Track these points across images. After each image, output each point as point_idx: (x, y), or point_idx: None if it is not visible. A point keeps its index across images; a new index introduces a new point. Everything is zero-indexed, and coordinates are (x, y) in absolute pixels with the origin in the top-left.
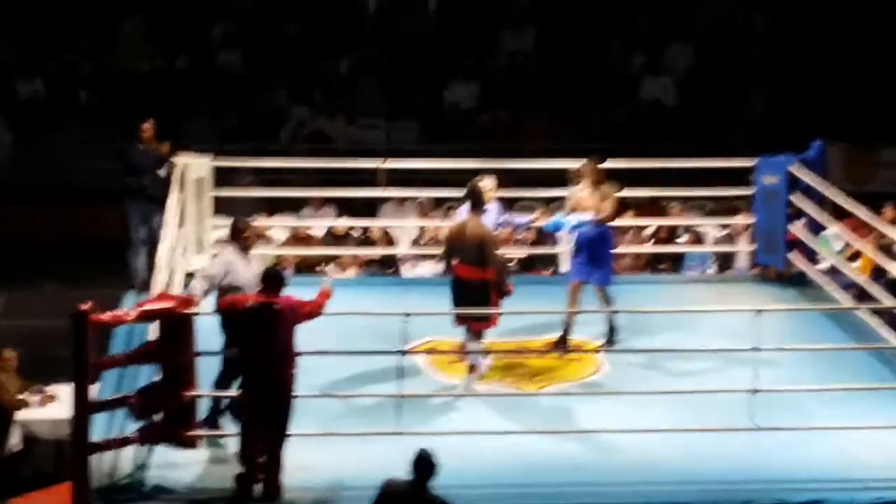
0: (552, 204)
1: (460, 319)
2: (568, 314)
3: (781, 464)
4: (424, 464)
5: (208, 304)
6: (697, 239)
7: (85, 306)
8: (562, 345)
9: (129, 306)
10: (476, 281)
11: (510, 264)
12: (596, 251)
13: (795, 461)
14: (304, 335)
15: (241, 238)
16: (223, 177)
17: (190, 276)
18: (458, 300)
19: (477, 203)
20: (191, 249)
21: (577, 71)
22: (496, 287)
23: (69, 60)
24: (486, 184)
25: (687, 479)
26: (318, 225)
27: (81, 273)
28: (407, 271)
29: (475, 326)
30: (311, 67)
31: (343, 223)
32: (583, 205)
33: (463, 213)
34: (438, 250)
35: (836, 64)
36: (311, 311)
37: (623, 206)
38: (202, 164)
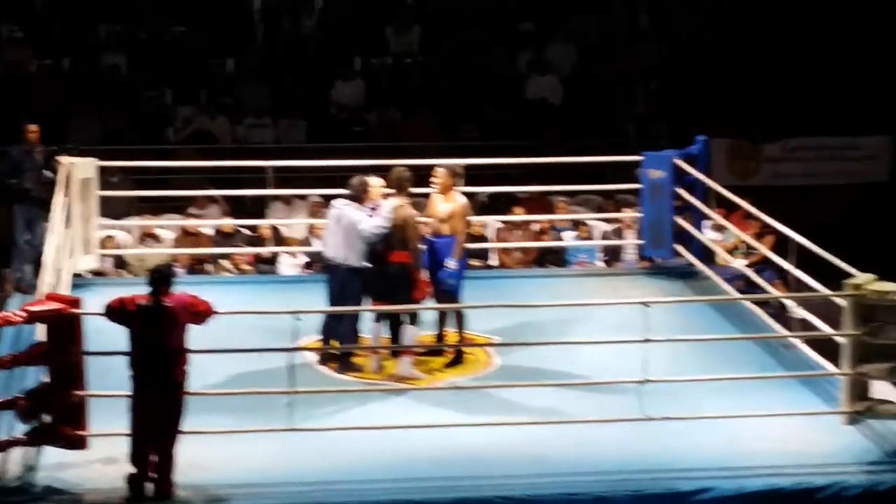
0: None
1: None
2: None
3: (671, 453)
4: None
5: (97, 303)
6: (586, 233)
7: None
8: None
9: (15, 308)
10: (397, 264)
11: None
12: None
13: (685, 450)
14: (196, 333)
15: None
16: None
17: (77, 276)
18: (380, 286)
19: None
20: (77, 250)
21: (462, 70)
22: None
23: None
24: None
25: (579, 470)
26: (208, 224)
27: None
28: (285, 269)
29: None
30: (197, 67)
31: (232, 222)
32: (440, 217)
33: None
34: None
35: (720, 61)
36: (206, 310)
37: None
38: (88, 165)
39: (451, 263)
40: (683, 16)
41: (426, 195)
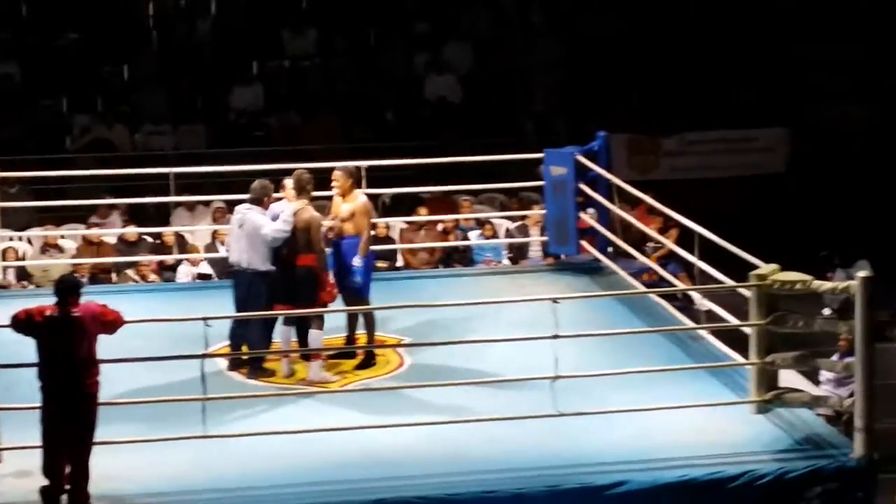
0: None
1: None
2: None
3: (585, 448)
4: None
5: (2, 315)
6: (490, 232)
7: None
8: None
9: None
10: (303, 267)
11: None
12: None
13: (599, 445)
14: (106, 342)
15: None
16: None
17: None
18: (286, 289)
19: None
20: None
21: (360, 71)
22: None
23: None
24: (288, 182)
25: (495, 468)
26: (111, 233)
27: None
28: (181, 276)
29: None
30: (92, 75)
31: (135, 230)
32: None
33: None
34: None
35: (617, 56)
36: (115, 319)
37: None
38: None
39: (357, 261)
40: (578, 12)
41: (329, 198)
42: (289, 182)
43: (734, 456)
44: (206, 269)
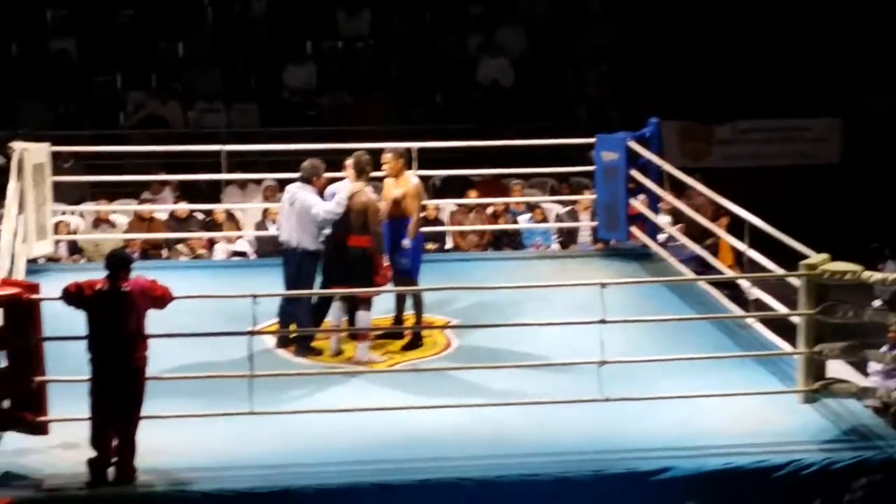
0: None
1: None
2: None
3: (631, 433)
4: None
5: (54, 289)
6: (541, 216)
7: None
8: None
9: None
10: (355, 248)
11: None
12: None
13: (644, 430)
14: (154, 317)
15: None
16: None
17: (32, 261)
18: (339, 270)
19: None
20: (32, 236)
21: (413, 53)
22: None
23: None
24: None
25: (539, 451)
26: (162, 209)
27: None
28: (218, 254)
29: (364, 294)
30: (147, 52)
31: (186, 207)
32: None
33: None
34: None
35: (670, 42)
36: (163, 294)
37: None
38: (41, 150)
39: (406, 243)
40: None
41: (381, 179)
42: (349, 162)
43: (780, 445)
44: (242, 246)
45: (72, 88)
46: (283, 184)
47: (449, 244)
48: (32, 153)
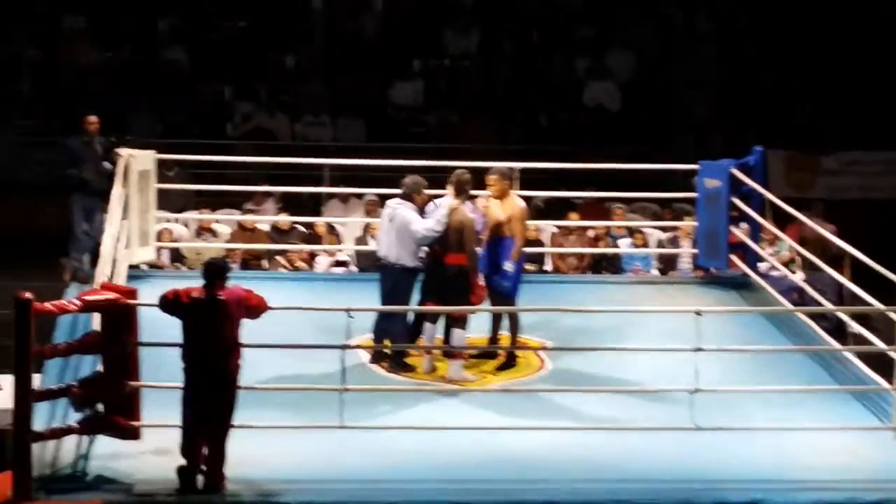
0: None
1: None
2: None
3: (721, 464)
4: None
5: (152, 295)
6: (641, 241)
7: (28, 294)
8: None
9: (72, 297)
10: (452, 266)
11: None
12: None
13: (735, 461)
14: (249, 327)
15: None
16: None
17: (134, 267)
18: (435, 287)
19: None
20: (135, 242)
21: (520, 74)
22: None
23: (11, 53)
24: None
25: (628, 477)
26: (265, 220)
27: (24, 265)
28: (320, 265)
29: (458, 312)
30: (257, 63)
31: (288, 219)
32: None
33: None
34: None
35: (780, 70)
36: (259, 304)
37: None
38: (147, 157)
39: (509, 266)
40: (746, 26)
41: (484, 198)
42: (450, 180)
43: (872, 482)
44: (344, 256)
45: (181, 98)
46: (384, 199)
47: (548, 266)
48: (138, 160)
